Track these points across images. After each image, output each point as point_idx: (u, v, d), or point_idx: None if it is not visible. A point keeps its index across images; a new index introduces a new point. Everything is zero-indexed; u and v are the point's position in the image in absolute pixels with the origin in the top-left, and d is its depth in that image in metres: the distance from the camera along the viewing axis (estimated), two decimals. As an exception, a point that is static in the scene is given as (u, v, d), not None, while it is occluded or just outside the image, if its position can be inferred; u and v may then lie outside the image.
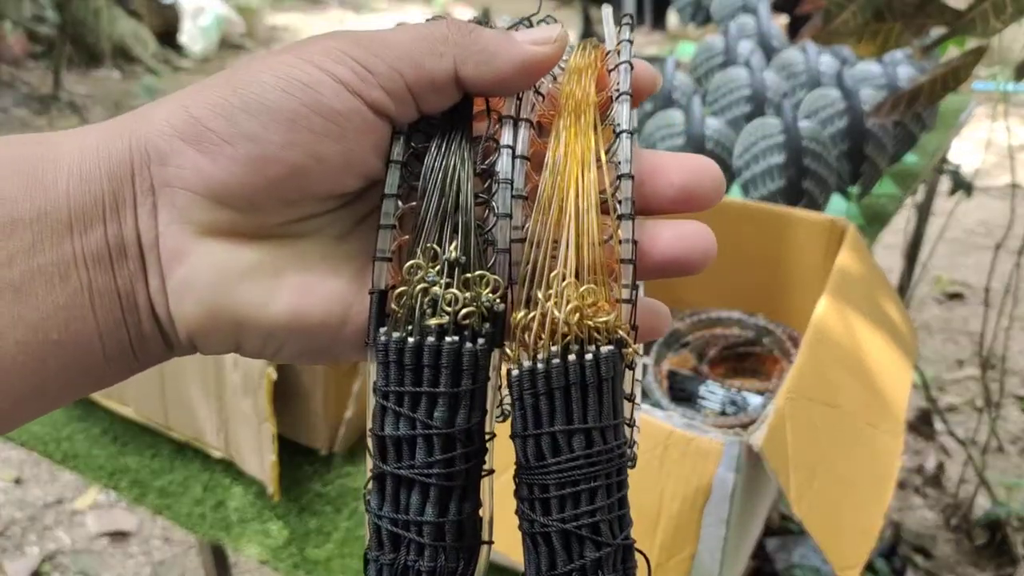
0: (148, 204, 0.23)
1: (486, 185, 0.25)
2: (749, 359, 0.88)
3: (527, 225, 0.24)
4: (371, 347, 0.24)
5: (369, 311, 0.24)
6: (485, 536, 0.24)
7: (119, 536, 1.60)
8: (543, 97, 0.26)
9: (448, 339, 0.23)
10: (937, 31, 0.94)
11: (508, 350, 0.24)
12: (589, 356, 0.23)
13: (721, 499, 0.58)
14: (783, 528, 1.46)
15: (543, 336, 0.23)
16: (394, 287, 0.24)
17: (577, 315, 0.23)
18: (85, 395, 0.25)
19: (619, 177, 0.24)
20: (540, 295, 0.23)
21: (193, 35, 4.65)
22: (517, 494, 0.24)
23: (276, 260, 0.24)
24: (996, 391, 1.84)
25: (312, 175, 0.23)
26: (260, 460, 0.76)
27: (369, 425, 0.24)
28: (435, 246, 0.23)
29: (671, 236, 0.25)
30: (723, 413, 0.78)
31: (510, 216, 0.24)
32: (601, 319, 0.23)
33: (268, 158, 0.23)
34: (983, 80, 2.50)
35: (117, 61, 4.38)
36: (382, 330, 0.23)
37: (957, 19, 0.86)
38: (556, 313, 0.23)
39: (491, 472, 0.24)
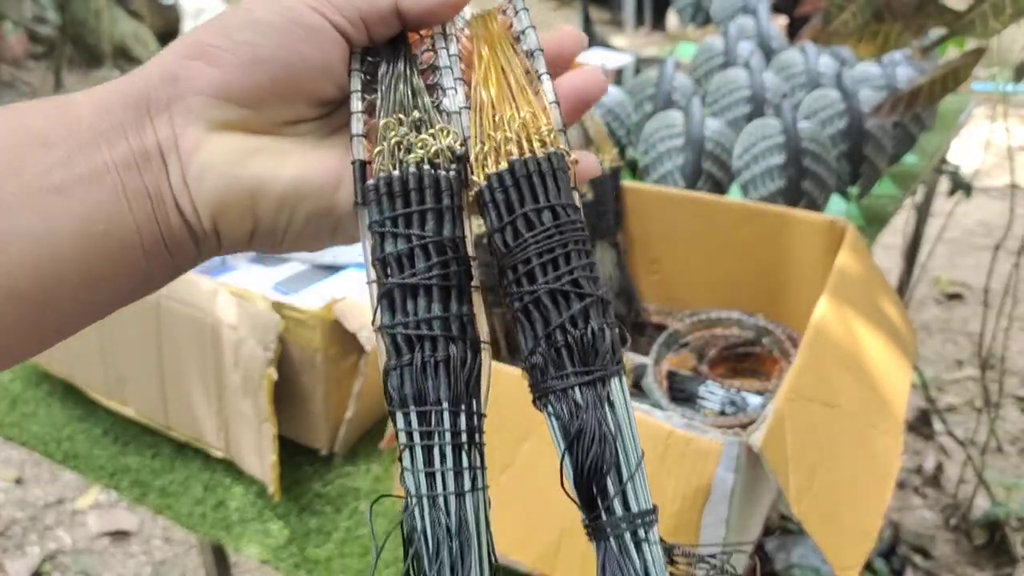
0: (165, 117, 0.28)
1: (428, 82, 0.31)
2: (749, 359, 0.88)
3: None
4: (360, 205, 0.29)
5: (353, 175, 0.29)
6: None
7: (120, 536, 1.60)
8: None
9: (427, 167, 0.28)
10: (936, 32, 0.95)
11: (472, 179, 0.29)
12: (541, 152, 0.28)
13: (720, 499, 0.58)
14: (782, 528, 1.46)
15: (501, 153, 0.29)
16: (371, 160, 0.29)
17: (524, 130, 0.29)
18: (129, 299, 0.30)
19: (529, 54, 0.32)
20: (491, 132, 0.29)
21: (193, 35, 4.65)
22: (502, 283, 0.28)
23: (278, 145, 0.29)
24: (995, 391, 1.84)
25: (299, 74, 0.29)
26: (260, 460, 0.76)
27: (370, 254, 0.28)
28: (400, 115, 0.29)
29: (571, 76, 0.32)
30: (723, 413, 0.78)
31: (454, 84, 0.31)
32: (545, 127, 0.29)
33: (264, 58, 0.28)
34: (982, 81, 2.50)
35: (118, 62, 4.38)
36: (369, 181, 0.28)
37: (956, 20, 0.86)
38: (508, 134, 0.29)
39: (479, 288, 0.29)
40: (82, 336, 0.84)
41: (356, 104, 0.30)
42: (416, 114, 0.29)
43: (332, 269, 0.90)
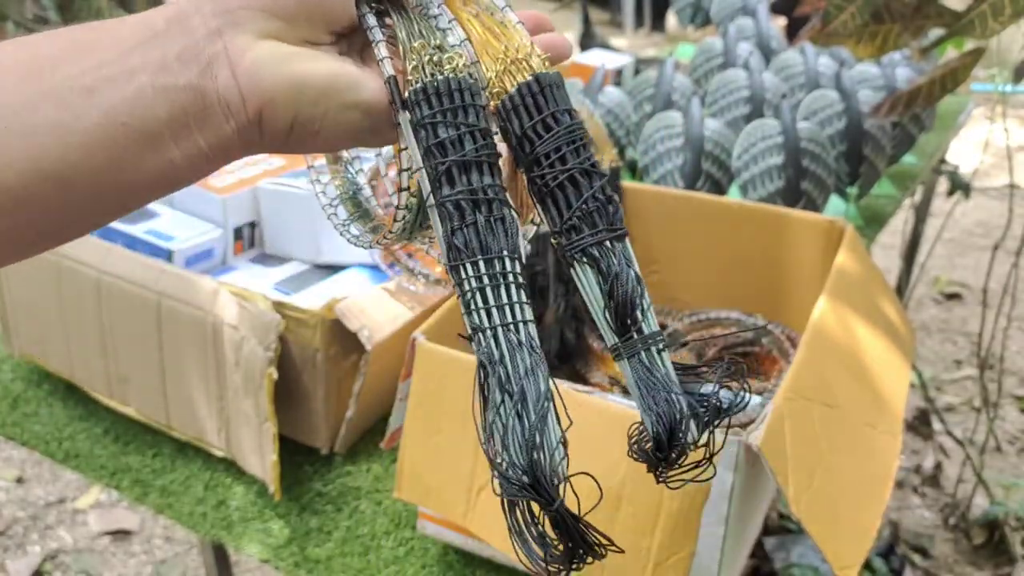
0: (213, 28, 0.32)
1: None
2: (748, 359, 0.88)
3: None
4: (402, 109, 0.34)
5: (389, 89, 0.34)
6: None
7: (121, 535, 1.60)
8: None
9: (464, 74, 0.34)
10: (936, 32, 0.95)
11: (490, 94, 0.35)
12: (551, 72, 0.35)
13: (720, 498, 0.58)
14: (782, 527, 1.46)
15: (510, 70, 0.35)
16: (399, 74, 0.34)
17: (525, 52, 0.35)
18: (163, 187, 0.33)
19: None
20: (503, 55, 0.36)
21: (193, 35, 4.66)
22: (531, 169, 0.34)
23: (311, 52, 0.34)
24: (994, 391, 1.85)
25: (319, 3, 0.34)
26: (261, 459, 0.76)
27: (417, 146, 0.33)
28: (424, 41, 0.35)
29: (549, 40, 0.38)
30: (722, 413, 0.79)
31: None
32: (543, 57, 0.36)
33: None
34: (981, 81, 2.50)
35: (117, 61, 4.38)
36: (415, 85, 0.34)
37: (955, 20, 0.87)
38: (515, 55, 0.35)
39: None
40: (83, 336, 0.85)
41: (377, 34, 0.35)
42: (436, 40, 0.35)
43: (332, 269, 0.91)
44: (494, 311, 0.31)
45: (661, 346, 0.33)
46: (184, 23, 0.32)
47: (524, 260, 0.33)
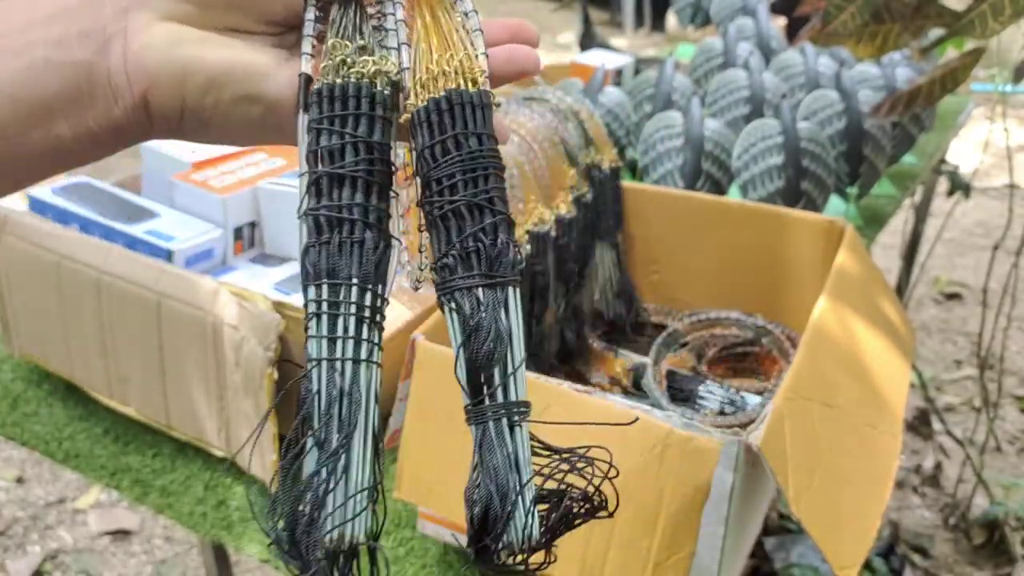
0: (120, 6, 0.31)
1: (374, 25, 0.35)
2: (748, 359, 0.88)
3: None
4: (302, 110, 0.32)
5: (299, 86, 0.32)
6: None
7: (121, 535, 1.60)
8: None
9: (365, 81, 0.32)
10: (936, 32, 0.95)
11: (407, 103, 0.33)
12: (474, 88, 0.33)
13: (720, 498, 0.58)
14: (781, 527, 1.46)
15: (438, 84, 0.33)
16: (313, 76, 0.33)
17: (460, 68, 0.33)
18: (56, 162, 0.32)
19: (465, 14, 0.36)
20: (431, 65, 0.33)
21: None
22: (424, 193, 0.32)
23: (216, 39, 0.32)
24: (994, 391, 1.85)
25: None
26: (261, 459, 0.76)
27: (303, 154, 0.31)
28: (347, 39, 0.33)
29: (507, 45, 0.36)
30: (722, 413, 0.79)
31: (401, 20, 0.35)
32: (478, 72, 0.33)
33: None
34: (981, 81, 2.50)
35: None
36: (314, 85, 0.32)
37: (956, 20, 0.87)
38: (446, 67, 0.33)
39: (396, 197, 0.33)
40: (83, 336, 0.85)
41: (308, 28, 0.33)
42: (361, 41, 0.33)
43: (333, 269, 0.90)
44: (324, 343, 0.28)
45: (516, 419, 0.29)
46: (93, 2, 0.31)
47: (386, 291, 0.30)
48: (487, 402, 0.29)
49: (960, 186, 1.68)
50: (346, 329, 0.29)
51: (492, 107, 0.33)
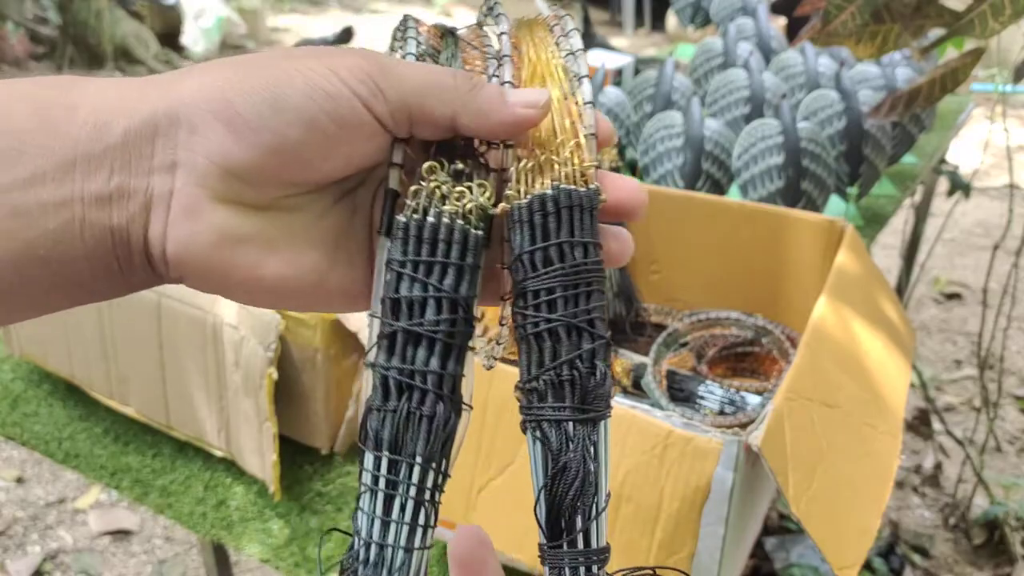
0: (167, 162, 0.27)
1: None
2: (748, 359, 0.88)
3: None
4: (384, 232, 0.29)
5: (384, 203, 0.29)
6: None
7: (121, 535, 1.60)
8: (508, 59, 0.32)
9: (459, 221, 0.28)
10: (936, 32, 0.95)
11: (508, 192, 0.29)
12: (584, 188, 0.29)
13: (720, 498, 0.58)
14: (781, 527, 1.46)
15: (544, 175, 0.29)
16: (403, 192, 0.29)
17: (576, 158, 0.29)
18: (76, 304, 0.29)
19: (586, 104, 0.31)
20: (537, 152, 0.29)
21: (195, 36, 4.66)
22: (518, 304, 0.28)
23: (269, 231, 0.28)
24: (994, 391, 1.85)
25: (316, 166, 0.28)
26: (261, 459, 0.76)
27: (382, 289, 0.28)
28: (442, 159, 0.29)
29: (620, 185, 0.31)
30: (722, 413, 0.79)
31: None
32: (588, 165, 0.29)
33: (285, 150, 0.27)
34: (981, 81, 2.50)
35: (119, 62, 4.38)
36: (399, 217, 0.28)
37: (956, 20, 0.87)
38: (555, 158, 0.29)
39: (472, 348, 0.29)
40: (83, 336, 0.85)
41: (394, 176, 0.30)
42: (459, 164, 0.29)
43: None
44: (377, 523, 0.26)
45: (595, 568, 0.26)
46: (143, 142, 0.27)
47: (450, 466, 0.27)
48: (565, 547, 0.27)
49: (960, 186, 1.68)
50: (402, 512, 0.26)
51: (598, 207, 0.29)
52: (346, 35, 4.23)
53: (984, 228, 2.84)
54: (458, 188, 0.28)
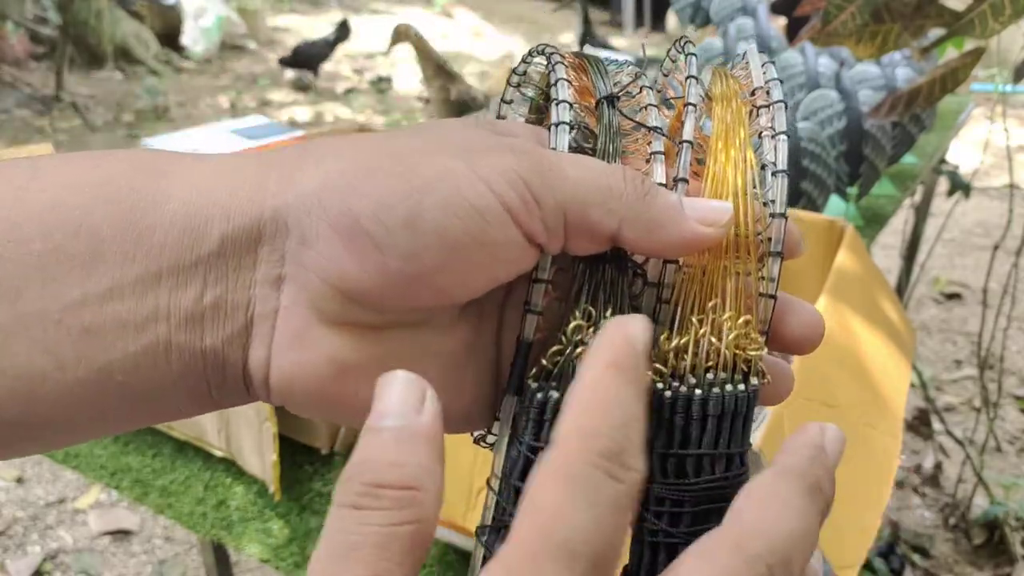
0: (273, 276, 0.22)
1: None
2: (748, 359, 0.88)
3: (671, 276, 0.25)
4: (513, 392, 0.24)
5: (515, 361, 0.24)
6: None
7: (121, 535, 1.60)
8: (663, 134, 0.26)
9: None
10: (936, 32, 0.95)
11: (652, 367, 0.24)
12: (741, 387, 0.24)
13: (720, 498, 0.58)
14: (782, 528, 1.46)
15: (699, 362, 0.24)
16: (541, 342, 0.24)
17: (736, 347, 0.24)
18: (154, 423, 0.25)
19: (772, 216, 0.24)
20: (695, 320, 0.24)
21: (195, 36, 4.66)
22: (643, 499, 0.24)
23: (387, 355, 0.23)
24: (994, 391, 1.85)
25: (449, 293, 0.23)
26: (261, 459, 0.76)
27: (499, 464, 0.24)
28: (590, 307, 0.24)
29: (799, 321, 0.26)
30: (722, 413, 0.79)
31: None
32: (754, 351, 0.24)
33: (417, 277, 0.22)
34: (981, 81, 2.50)
35: (119, 62, 4.38)
36: (535, 386, 0.23)
37: (956, 20, 0.87)
38: (715, 341, 0.24)
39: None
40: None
41: (543, 272, 0.24)
42: (608, 314, 0.24)
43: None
44: None
45: None
46: (243, 251, 0.22)
47: None
48: None
49: (960, 186, 1.68)
50: None
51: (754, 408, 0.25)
52: (343, 30, 4.24)
53: (984, 228, 2.84)
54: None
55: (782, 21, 1.70)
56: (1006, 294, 1.56)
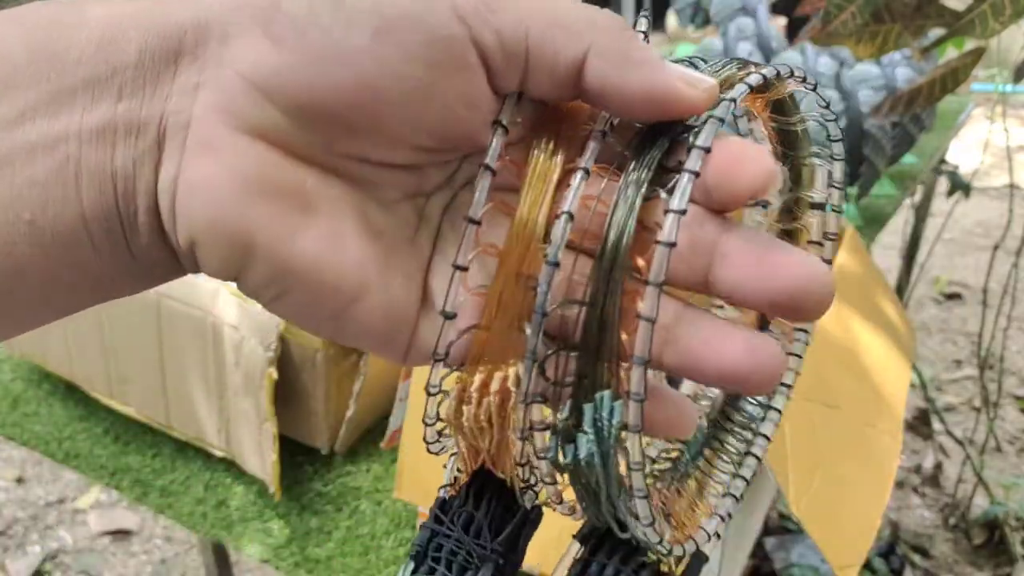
0: (190, 84, 0.20)
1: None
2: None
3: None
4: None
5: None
6: None
7: (121, 535, 1.60)
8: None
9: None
10: (936, 32, 0.95)
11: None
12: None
13: (720, 498, 0.58)
14: (782, 527, 1.46)
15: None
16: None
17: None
18: (84, 303, 0.22)
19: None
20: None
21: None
22: None
23: (315, 191, 0.21)
24: (994, 391, 1.85)
25: (384, 99, 0.20)
26: (261, 459, 0.76)
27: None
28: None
29: (739, 349, 0.21)
30: (722, 413, 0.79)
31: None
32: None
33: (340, 60, 0.19)
34: (981, 81, 2.50)
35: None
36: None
37: (956, 20, 0.87)
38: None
39: None
40: (83, 335, 0.85)
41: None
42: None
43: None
44: None
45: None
46: (162, 62, 0.20)
47: None
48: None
49: (960, 186, 1.68)
50: None
51: None
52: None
53: (984, 228, 2.84)
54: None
55: (782, 21, 1.70)
56: (1006, 294, 1.56)
